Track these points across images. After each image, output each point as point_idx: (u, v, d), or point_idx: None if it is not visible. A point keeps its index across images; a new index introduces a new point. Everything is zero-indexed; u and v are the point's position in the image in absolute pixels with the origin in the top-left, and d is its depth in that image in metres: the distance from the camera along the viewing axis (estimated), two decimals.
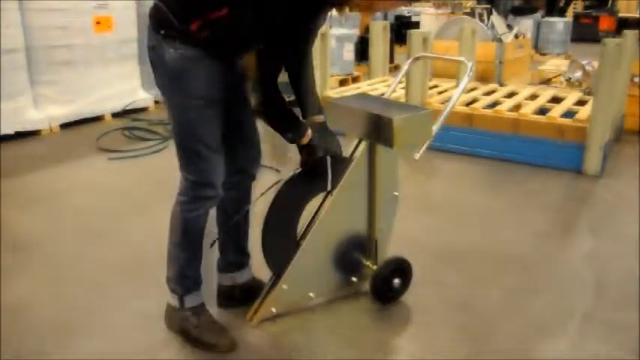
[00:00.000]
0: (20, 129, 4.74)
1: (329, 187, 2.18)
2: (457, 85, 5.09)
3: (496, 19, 7.77)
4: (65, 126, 5.10)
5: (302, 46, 2.04)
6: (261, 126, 2.16)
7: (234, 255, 2.29)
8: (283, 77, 2.00)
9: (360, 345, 2.14)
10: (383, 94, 2.71)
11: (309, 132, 2.05)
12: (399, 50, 8.97)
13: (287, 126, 2.02)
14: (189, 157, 1.96)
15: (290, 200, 2.16)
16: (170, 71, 1.87)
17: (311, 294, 2.29)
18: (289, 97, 2.02)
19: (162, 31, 1.85)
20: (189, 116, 1.91)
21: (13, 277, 2.60)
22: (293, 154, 2.19)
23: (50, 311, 2.35)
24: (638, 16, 13.33)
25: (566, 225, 3.22)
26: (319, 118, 2.16)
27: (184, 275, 2.10)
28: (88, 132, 5.00)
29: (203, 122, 1.92)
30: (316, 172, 2.13)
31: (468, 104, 4.58)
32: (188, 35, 1.83)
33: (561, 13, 11.55)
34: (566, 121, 4.08)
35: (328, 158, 2.13)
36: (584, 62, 5.97)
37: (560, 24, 9.92)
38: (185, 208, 2.01)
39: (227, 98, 1.97)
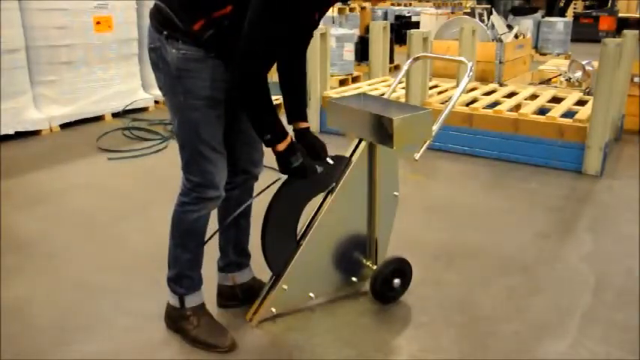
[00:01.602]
0: (20, 129, 4.74)
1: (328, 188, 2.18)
2: (457, 85, 5.09)
3: (496, 19, 7.76)
4: (65, 126, 5.11)
5: (299, 45, 2.05)
6: None
7: (234, 255, 2.28)
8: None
9: (360, 345, 2.14)
10: (383, 94, 2.71)
11: (287, 140, 1.95)
12: (399, 50, 8.98)
13: (268, 127, 1.92)
14: (192, 158, 1.96)
15: (290, 200, 2.16)
16: (173, 72, 1.86)
17: (311, 294, 2.29)
18: (277, 100, 1.98)
19: (165, 32, 1.85)
20: (193, 117, 1.90)
21: (13, 277, 2.60)
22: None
23: (50, 311, 2.35)
24: (638, 16, 13.35)
25: (566, 225, 3.22)
26: (303, 125, 2.16)
27: (185, 276, 2.10)
28: (88, 132, 5.00)
29: (207, 123, 1.91)
30: (294, 176, 2.06)
31: (468, 104, 4.58)
32: (191, 35, 1.83)
33: (561, 13, 11.57)
34: (566, 121, 4.08)
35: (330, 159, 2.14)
36: (584, 62, 5.97)
37: (560, 24, 9.93)
38: (187, 209, 2.01)
39: (228, 98, 1.97)
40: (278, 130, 1.94)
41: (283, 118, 2.18)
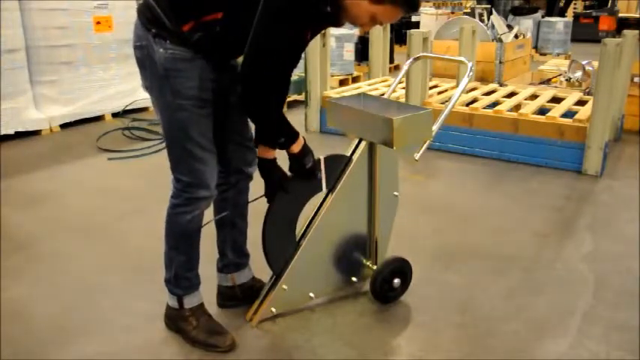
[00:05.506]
0: (20, 129, 4.74)
1: (324, 188, 2.18)
2: (457, 85, 5.09)
3: (496, 19, 7.76)
4: (65, 126, 5.11)
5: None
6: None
7: (233, 255, 2.28)
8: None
9: (360, 345, 2.14)
10: (383, 94, 2.71)
11: (301, 139, 2.01)
12: (399, 50, 8.98)
13: (280, 130, 1.97)
14: (181, 158, 1.94)
15: (290, 199, 2.15)
16: (161, 72, 1.85)
17: (311, 294, 2.29)
18: (289, 97, 2.00)
19: (154, 30, 1.83)
20: (182, 117, 1.89)
21: (13, 277, 2.60)
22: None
23: (50, 311, 2.35)
24: (638, 16, 13.35)
25: (566, 225, 3.22)
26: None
27: (182, 277, 2.09)
28: (88, 132, 5.00)
29: (196, 122, 1.90)
30: (307, 177, 2.11)
31: (468, 104, 4.58)
32: (179, 36, 1.81)
33: (561, 13, 11.57)
34: (566, 121, 4.08)
35: (322, 160, 2.14)
36: (584, 62, 5.97)
37: (560, 24, 9.92)
38: (180, 211, 2.00)
39: (219, 98, 1.96)
40: (290, 131, 1.96)
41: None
